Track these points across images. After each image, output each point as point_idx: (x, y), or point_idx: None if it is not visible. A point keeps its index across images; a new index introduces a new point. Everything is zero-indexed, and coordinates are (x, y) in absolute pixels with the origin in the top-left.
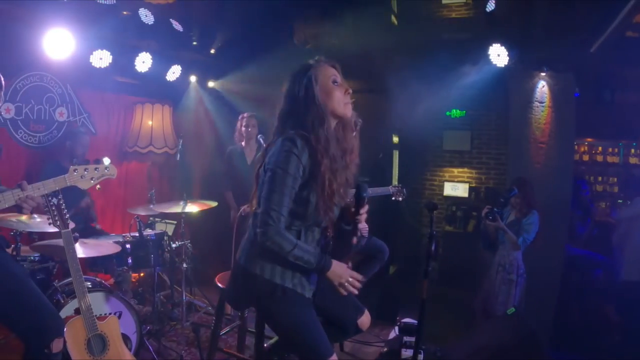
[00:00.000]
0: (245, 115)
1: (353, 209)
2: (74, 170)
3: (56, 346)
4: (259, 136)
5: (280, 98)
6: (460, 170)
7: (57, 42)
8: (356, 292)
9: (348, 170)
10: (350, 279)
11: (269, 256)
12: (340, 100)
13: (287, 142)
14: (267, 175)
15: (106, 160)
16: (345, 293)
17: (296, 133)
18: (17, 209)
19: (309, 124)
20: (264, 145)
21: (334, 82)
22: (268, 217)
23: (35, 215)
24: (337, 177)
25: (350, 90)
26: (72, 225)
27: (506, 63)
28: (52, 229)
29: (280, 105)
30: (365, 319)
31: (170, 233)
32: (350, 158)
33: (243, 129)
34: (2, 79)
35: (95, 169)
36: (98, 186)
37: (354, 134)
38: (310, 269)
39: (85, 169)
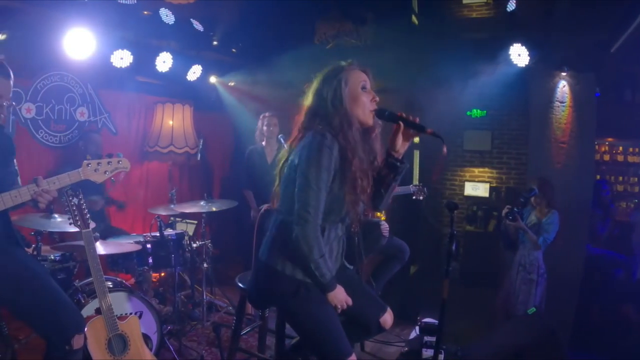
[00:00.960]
0: (266, 114)
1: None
2: (87, 164)
3: (77, 342)
4: (279, 136)
5: (308, 94)
6: (481, 170)
7: (78, 42)
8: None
9: (370, 173)
10: (345, 305)
11: (291, 252)
12: (366, 107)
13: (318, 135)
14: (301, 171)
15: (119, 155)
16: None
17: (324, 128)
18: (33, 203)
19: (337, 125)
20: (284, 143)
21: (363, 87)
22: (306, 212)
23: (56, 215)
24: (365, 177)
25: (378, 99)
26: (92, 225)
27: (527, 63)
28: (73, 229)
29: (308, 101)
30: (388, 318)
31: (190, 233)
32: (374, 160)
33: (264, 128)
34: (11, 72)
35: (108, 162)
36: (112, 179)
37: (375, 135)
38: (318, 282)
39: (98, 163)
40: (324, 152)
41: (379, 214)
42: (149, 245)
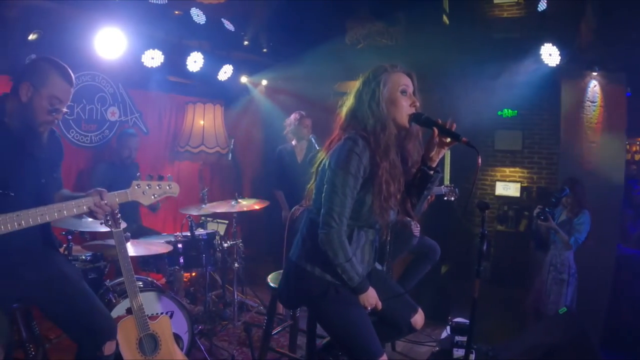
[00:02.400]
0: (299, 114)
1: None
2: (137, 186)
3: (108, 348)
4: (311, 136)
5: (349, 95)
6: (512, 169)
7: (109, 42)
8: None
9: (402, 178)
10: (375, 306)
11: (322, 254)
12: (404, 111)
13: (349, 141)
14: (328, 176)
15: (169, 178)
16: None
17: (357, 133)
18: (90, 214)
19: (370, 128)
20: (315, 143)
21: (403, 91)
22: (331, 218)
23: (88, 218)
24: (395, 181)
25: (418, 104)
26: (123, 225)
27: (558, 63)
28: (104, 229)
29: (349, 102)
30: (419, 318)
31: (221, 233)
32: (410, 166)
33: (298, 127)
34: (74, 78)
35: (158, 185)
36: (158, 204)
37: (414, 141)
38: (350, 286)
39: (147, 185)
40: (352, 158)
41: None
42: (180, 245)
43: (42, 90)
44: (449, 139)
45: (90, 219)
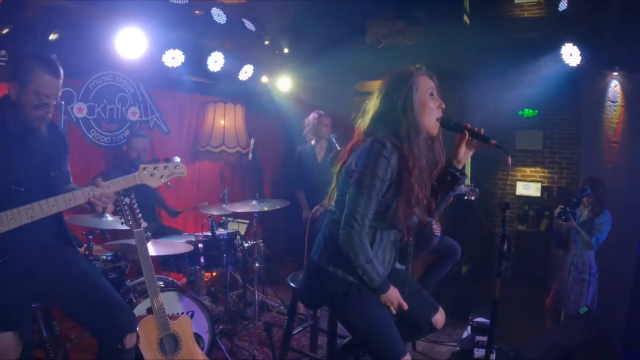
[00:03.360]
0: (318, 113)
1: None
2: (144, 169)
3: (129, 341)
4: (331, 135)
5: (374, 98)
6: (533, 169)
7: (130, 42)
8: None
9: (429, 183)
10: (398, 307)
11: (343, 254)
12: (433, 115)
13: (377, 144)
14: (355, 177)
15: (176, 159)
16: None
17: (386, 137)
18: (90, 206)
19: (404, 133)
20: (336, 143)
21: (431, 94)
22: (353, 219)
23: (107, 215)
24: (423, 187)
25: (444, 106)
26: (144, 224)
27: (578, 62)
28: (125, 227)
29: (375, 105)
30: (439, 317)
31: (242, 232)
32: (434, 169)
33: (317, 127)
34: (62, 71)
35: (165, 167)
36: (168, 184)
37: (439, 144)
38: (371, 287)
39: (155, 167)
40: (380, 161)
41: None
42: (201, 245)
43: (28, 87)
44: (475, 142)
45: (110, 218)
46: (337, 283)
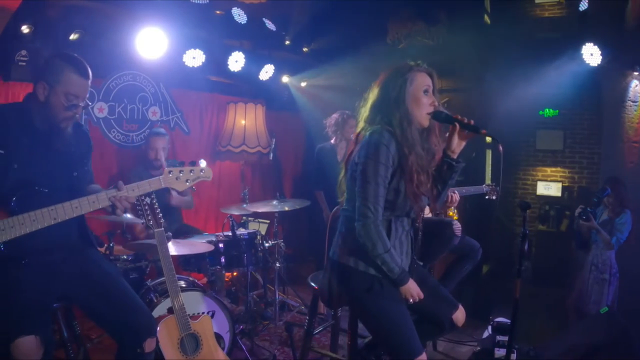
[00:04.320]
0: (343, 114)
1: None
2: (169, 172)
3: (149, 346)
4: (352, 134)
5: (374, 89)
6: (553, 169)
7: (150, 41)
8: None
9: (429, 170)
10: (417, 298)
11: (362, 248)
12: (424, 110)
13: (375, 134)
14: (359, 168)
15: (202, 163)
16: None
17: (382, 126)
18: (112, 209)
19: (396, 122)
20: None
21: (425, 91)
22: (366, 209)
23: (128, 215)
24: (423, 171)
25: (437, 103)
26: (165, 224)
27: (599, 62)
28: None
29: (373, 95)
30: (460, 315)
31: (263, 232)
32: (431, 158)
33: (342, 126)
34: (90, 72)
35: (191, 170)
36: (193, 188)
37: (434, 135)
38: (391, 278)
39: (180, 171)
40: (381, 149)
41: (451, 213)
42: (221, 245)
43: (57, 87)
44: (467, 132)
45: (130, 215)
46: (359, 278)
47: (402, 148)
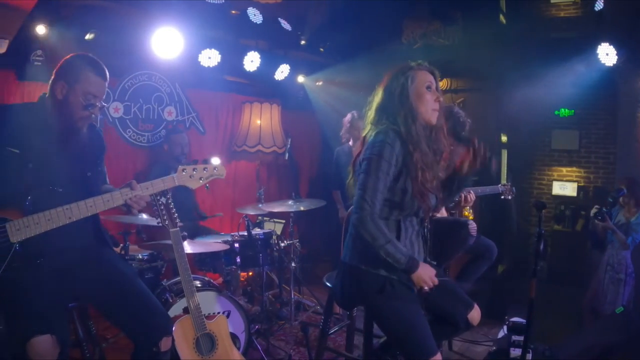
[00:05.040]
0: (350, 115)
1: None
2: (183, 170)
3: (165, 345)
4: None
5: (378, 91)
6: (569, 169)
7: (166, 41)
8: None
9: (437, 166)
10: (432, 285)
11: (373, 249)
12: (429, 106)
13: (380, 134)
14: (363, 166)
15: (215, 160)
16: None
17: (388, 127)
18: (126, 208)
19: (401, 120)
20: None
21: (428, 87)
22: (363, 201)
23: (143, 215)
24: (429, 169)
25: (442, 99)
26: (180, 224)
27: (615, 62)
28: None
29: (378, 97)
30: (475, 314)
31: (278, 232)
32: (439, 158)
33: (353, 126)
34: (107, 72)
35: (204, 168)
36: (207, 186)
37: (442, 133)
38: (399, 268)
39: (193, 169)
40: (385, 147)
41: (466, 213)
42: (237, 245)
43: (76, 86)
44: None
45: (145, 216)
46: (371, 279)
47: (407, 146)
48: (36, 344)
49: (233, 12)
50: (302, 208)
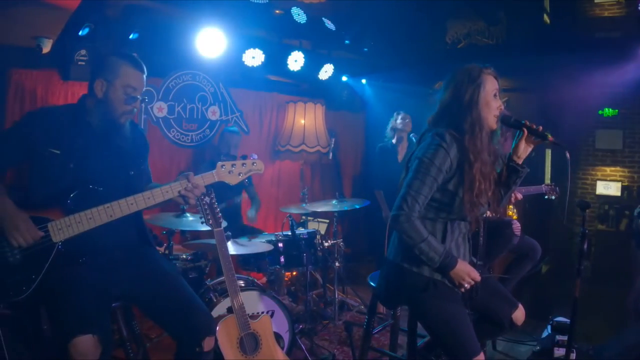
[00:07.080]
0: (399, 114)
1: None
2: (222, 166)
3: (208, 344)
4: (411, 135)
5: (444, 91)
6: (613, 169)
7: (210, 41)
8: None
9: (494, 174)
10: (471, 281)
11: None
12: (494, 114)
13: (437, 136)
14: (413, 166)
15: (253, 156)
16: (462, 291)
17: (447, 130)
18: (183, 199)
19: (467, 126)
20: (415, 142)
21: (495, 95)
22: (403, 201)
23: (188, 214)
24: (487, 179)
25: (503, 107)
26: (224, 224)
27: None
28: (205, 228)
29: (443, 97)
30: (519, 314)
31: (322, 232)
32: (494, 159)
33: (398, 123)
34: (145, 67)
35: (243, 164)
36: (246, 181)
37: (504, 139)
38: (433, 267)
39: (232, 165)
40: (439, 151)
41: (510, 212)
42: (281, 244)
43: (116, 82)
44: (534, 138)
45: (191, 217)
46: (414, 279)
47: (467, 154)
48: (79, 343)
49: (277, 11)
50: (345, 208)
